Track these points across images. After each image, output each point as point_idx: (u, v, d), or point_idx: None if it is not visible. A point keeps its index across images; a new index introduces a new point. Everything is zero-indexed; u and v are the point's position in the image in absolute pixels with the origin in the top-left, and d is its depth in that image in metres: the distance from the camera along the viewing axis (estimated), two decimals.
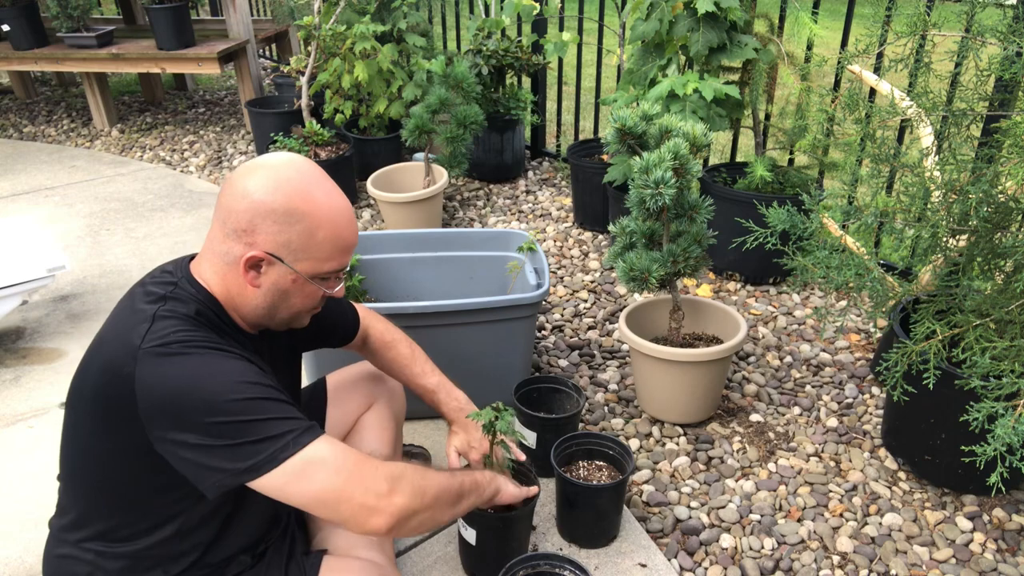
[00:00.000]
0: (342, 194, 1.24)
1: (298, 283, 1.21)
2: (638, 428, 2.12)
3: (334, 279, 1.26)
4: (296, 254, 1.19)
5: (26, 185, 3.91)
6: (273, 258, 1.18)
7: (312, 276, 1.21)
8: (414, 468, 1.22)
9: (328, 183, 1.22)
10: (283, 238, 1.17)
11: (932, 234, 1.68)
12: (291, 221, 1.16)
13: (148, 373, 1.10)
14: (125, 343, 1.13)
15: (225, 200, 1.18)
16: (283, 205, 1.16)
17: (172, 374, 1.10)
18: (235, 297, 1.22)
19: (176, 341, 1.12)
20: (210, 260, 1.22)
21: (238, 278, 1.20)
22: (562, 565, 1.51)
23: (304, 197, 1.17)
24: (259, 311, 1.24)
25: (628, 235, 2.04)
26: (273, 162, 1.19)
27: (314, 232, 1.18)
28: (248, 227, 1.16)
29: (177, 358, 1.11)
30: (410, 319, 1.94)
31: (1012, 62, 1.62)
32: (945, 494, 1.88)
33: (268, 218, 1.16)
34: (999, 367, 1.52)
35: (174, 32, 4.29)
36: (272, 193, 1.16)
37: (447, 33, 4.63)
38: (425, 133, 3.13)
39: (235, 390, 1.10)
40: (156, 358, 1.10)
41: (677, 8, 2.58)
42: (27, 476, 1.99)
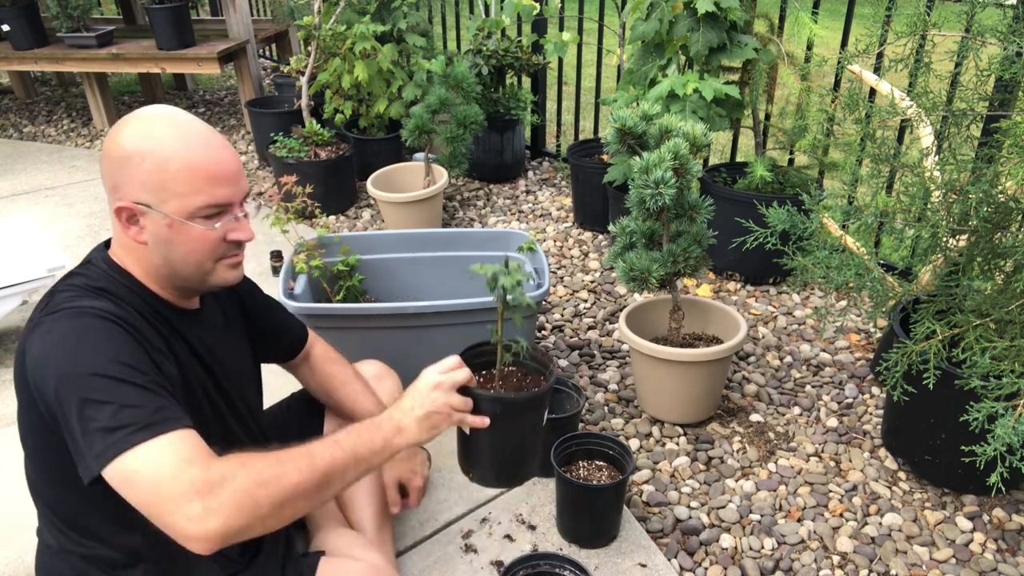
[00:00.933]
0: (202, 124, 1.17)
1: (175, 227, 1.13)
2: (638, 428, 2.12)
3: (224, 215, 1.16)
4: (157, 195, 1.12)
5: (26, 185, 3.91)
6: (140, 206, 1.12)
7: (187, 216, 1.13)
8: (253, 466, 1.02)
9: (183, 117, 1.15)
10: (138, 181, 1.11)
11: (932, 234, 1.68)
12: (139, 161, 1.11)
13: (35, 341, 1.07)
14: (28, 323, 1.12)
15: (101, 166, 1.16)
16: (131, 148, 1.11)
17: (42, 341, 1.06)
18: (140, 263, 1.18)
19: (60, 308, 1.08)
20: (114, 233, 1.19)
21: (127, 239, 1.16)
22: (562, 565, 1.51)
23: (148, 134, 1.12)
24: (161, 270, 1.18)
25: (628, 235, 2.04)
26: (133, 114, 1.16)
27: (165, 166, 1.11)
28: (112, 183, 1.13)
29: (55, 323, 1.07)
30: (410, 319, 1.94)
31: (1012, 62, 1.62)
32: (945, 494, 1.88)
33: (122, 166, 1.12)
34: (999, 367, 1.52)
35: (174, 32, 4.29)
36: (122, 140, 1.12)
37: (447, 33, 4.63)
38: (425, 133, 3.13)
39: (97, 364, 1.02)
40: (42, 325, 1.07)
41: (677, 8, 2.58)
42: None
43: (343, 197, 3.55)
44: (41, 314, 1.10)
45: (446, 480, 1.93)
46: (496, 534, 1.78)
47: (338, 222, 3.45)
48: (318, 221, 2.85)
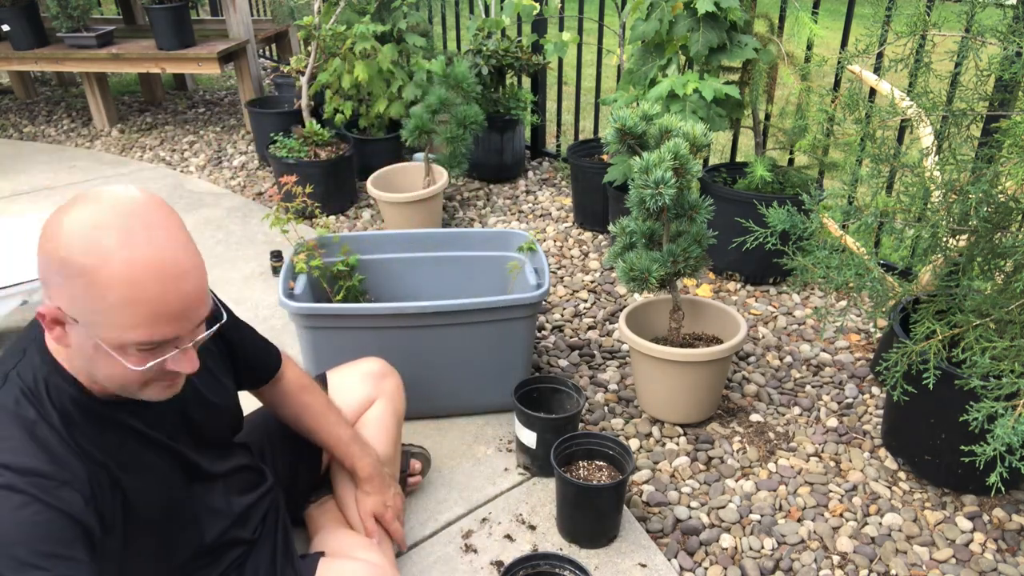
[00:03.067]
0: (165, 241, 0.97)
1: (100, 351, 0.99)
2: (638, 428, 2.12)
3: (167, 348, 1.01)
4: (88, 316, 0.96)
5: (26, 185, 3.91)
6: (66, 315, 0.97)
7: (118, 346, 0.98)
8: None
9: (142, 227, 0.96)
10: (67, 294, 0.95)
11: (932, 234, 1.68)
12: (72, 276, 0.94)
13: None
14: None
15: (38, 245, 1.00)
16: (65, 255, 0.94)
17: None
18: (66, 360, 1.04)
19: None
20: None
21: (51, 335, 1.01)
22: (562, 565, 1.51)
23: (91, 246, 0.93)
24: (85, 377, 1.04)
25: (628, 235, 2.04)
26: (89, 200, 0.97)
27: (102, 293, 0.94)
28: (43, 277, 0.98)
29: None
30: (410, 319, 1.94)
31: (1012, 62, 1.62)
32: (945, 494, 1.88)
33: (54, 269, 0.95)
34: (999, 367, 1.52)
35: (174, 32, 4.29)
36: (62, 238, 0.94)
37: (447, 33, 4.63)
38: (425, 133, 3.13)
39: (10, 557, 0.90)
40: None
41: (677, 8, 2.58)
42: None
43: (343, 197, 3.55)
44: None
45: (446, 480, 1.93)
46: (496, 534, 1.78)
47: (338, 222, 3.45)
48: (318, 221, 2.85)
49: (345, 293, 2.30)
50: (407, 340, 1.98)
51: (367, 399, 1.68)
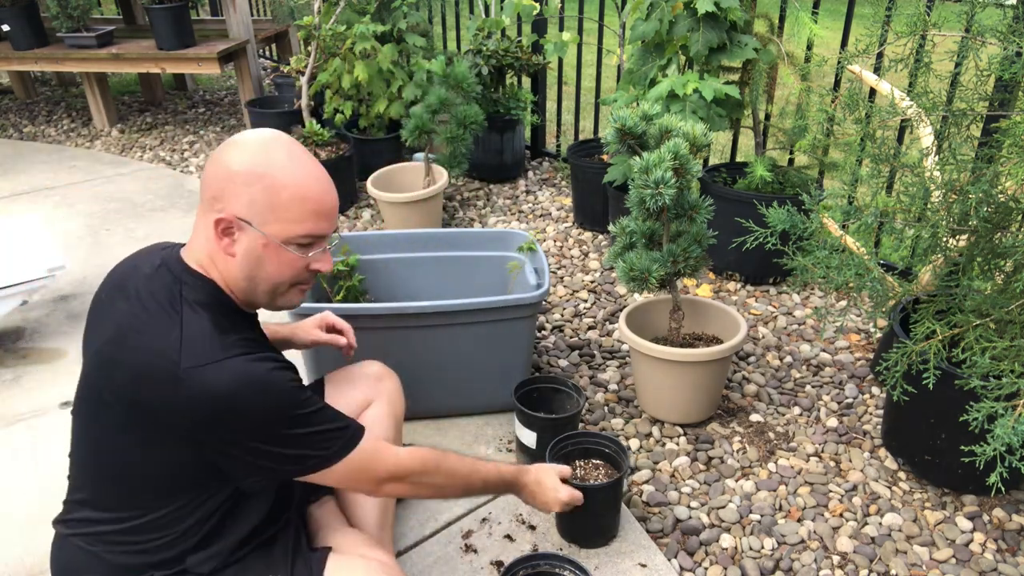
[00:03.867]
0: (315, 161, 1.24)
1: (270, 248, 1.20)
2: (638, 428, 2.12)
3: (316, 246, 1.25)
4: (262, 215, 1.18)
5: (26, 185, 3.91)
6: (241, 221, 1.18)
7: (284, 240, 1.20)
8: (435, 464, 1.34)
9: (298, 149, 1.22)
10: (246, 199, 1.17)
11: (932, 234, 1.69)
12: (252, 180, 1.16)
13: (198, 391, 1.12)
14: (160, 357, 1.14)
15: (204, 173, 1.21)
16: (247, 166, 1.17)
17: (226, 392, 1.12)
18: (223, 273, 1.23)
19: (221, 358, 1.14)
20: (198, 239, 1.23)
21: (217, 249, 1.21)
22: (562, 565, 1.51)
23: (268, 158, 1.18)
24: (240, 284, 1.23)
25: (628, 235, 2.04)
26: (249, 134, 1.21)
27: (278, 191, 1.17)
28: (217, 193, 1.18)
29: (228, 373, 1.13)
30: (410, 319, 1.94)
31: (1012, 62, 1.62)
32: (945, 494, 1.88)
33: (233, 180, 1.17)
34: (999, 367, 1.52)
35: (174, 32, 4.29)
36: (237, 157, 1.17)
37: (447, 33, 4.63)
38: (425, 133, 3.13)
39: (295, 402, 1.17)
40: (204, 376, 1.12)
41: (677, 8, 2.58)
42: (27, 476, 1.99)
43: (343, 197, 3.55)
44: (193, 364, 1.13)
45: None
46: (496, 534, 1.78)
47: (338, 222, 3.45)
48: None
49: (345, 293, 2.30)
50: (407, 340, 1.98)
51: (365, 401, 1.68)
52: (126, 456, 1.21)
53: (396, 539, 1.72)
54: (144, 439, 1.18)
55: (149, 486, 1.22)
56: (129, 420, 1.18)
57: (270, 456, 1.18)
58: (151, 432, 1.17)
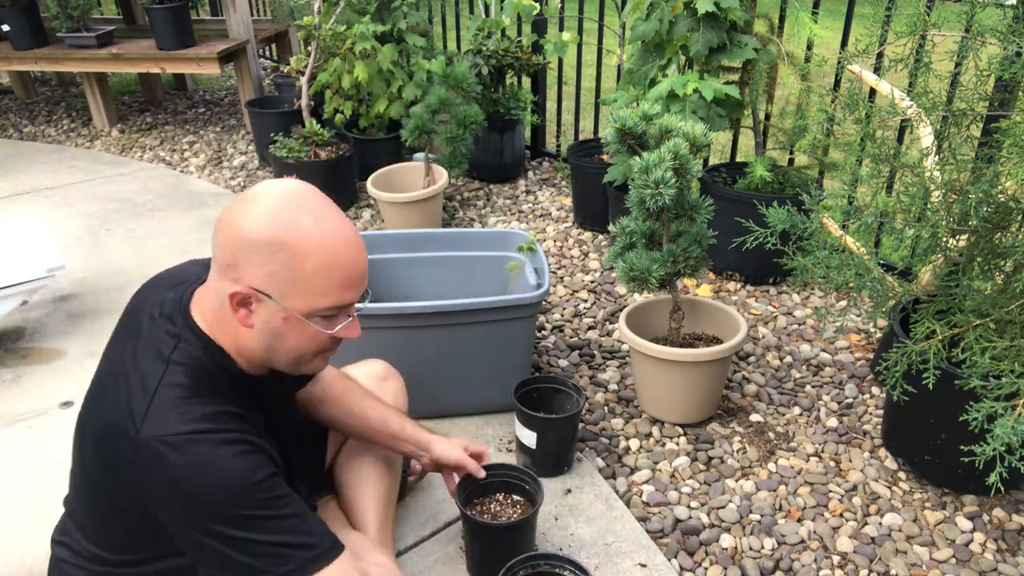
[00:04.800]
0: (344, 220, 1.12)
1: (291, 322, 1.10)
2: (638, 428, 2.12)
3: (342, 317, 1.14)
4: (283, 288, 1.07)
5: (26, 185, 3.91)
6: (260, 294, 1.08)
7: (307, 314, 1.09)
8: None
9: (325, 209, 1.10)
10: (266, 271, 1.06)
11: (932, 234, 1.69)
12: (273, 251, 1.05)
13: (147, 463, 1.04)
14: (124, 417, 1.07)
15: (216, 234, 1.10)
16: (265, 234, 1.05)
17: (173, 473, 1.03)
18: (233, 339, 1.14)
19: (179, 432, 1.04)
20: (208, 299, 1.14)
21: (230, 318, 1.11)
22: (562, 565, 1.51)
23: (289, 224, 1.05)
24: (257, 353, 1.15)
25: (628, 235, 2.04)
26: (264, 190, 1.09)
27: (301, 262, 1.06)
28: (232, 261, 1.07)
29: (180, 453, 1.03)
30: (410, 319, 1.94)
31: (1012, 62, 1.62)
32: (945, 494, 1.88)
33: (251, 250, 1.05)
34: (999, 367, 1.52)
35: (174, 32, 4.29)
36: (255, 222, 1.05)
37: (447, 33, 4.63)
38: (425, 133, 3.13)
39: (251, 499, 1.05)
40: (154, 449, 1.03)
41: (677, 8, 2.58)
42: (27, 476, 1.99)
43: (343, 197, 3.55)
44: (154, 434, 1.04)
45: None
46: None
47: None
48: None
49: None
50: (407, 340, 1.98)
51: None
52: (95, 498, 1.18)
53: (396, 539, 1.72)
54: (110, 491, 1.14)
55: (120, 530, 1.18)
56: (97, 471, 1.14)
57: (211, 553, 1.06)
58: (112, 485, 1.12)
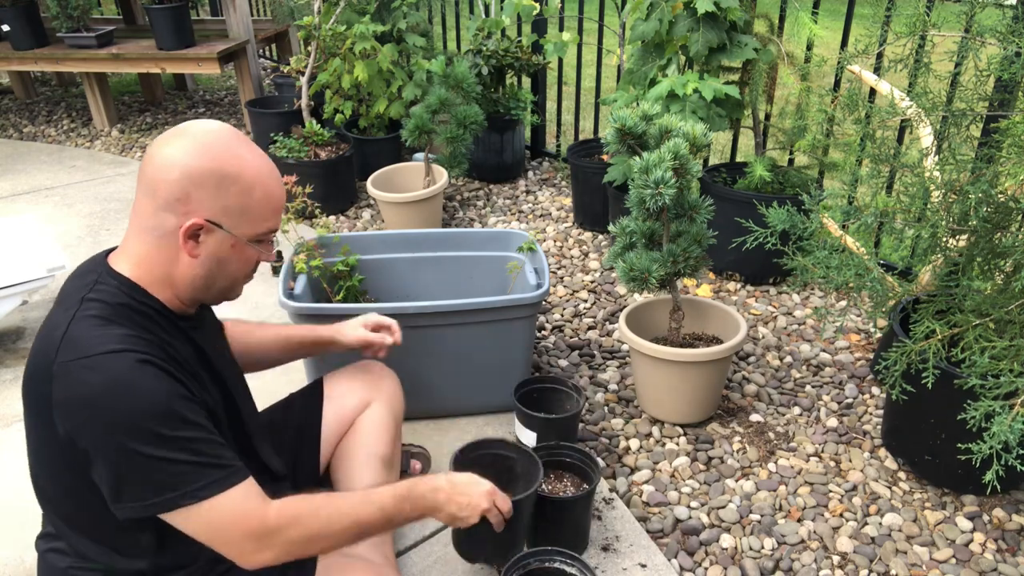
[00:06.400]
0: (264, 153, 1.23)
1: (237, 248, 1.19)
2: (638, 428, 2.12)
3: (268, 241, 1.24)
4: (235, 218, 1.16)
5: (26, 185, 3.91)
6: (212, 225, 1.15)
7: (251, 239, 1.20)
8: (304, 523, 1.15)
9: (250, 143, 1.20)
10: (220, 203, 1.14)
11: (932, 234, 1.69)
12: (226, 184, 1.13)
13: (64, 388, 1.06)
14: (43, 356, 1.09)
15: (151, 172, 1.13)
16: (217, 168, 1.13)
17: (88, 392, 1.05)
18: (169, 274, 1.17)
19: (94, 352, 1.06)
20: (137, 240, 1.17)
21: (172, 251, 1.15)
22: (563, 561, 1.51)
23: (235, 158, 1.15)
24: (196, 283, 1.19)
25: (628, 235, 2.04)
26: (194, 129, 1.17)
27: (250, 193, 1.16)
28: (182, 195, 1.12)
29: (95, 372, 1.05)
30: (410, 319, 1.94)
31: (1011, 62, 1.62)
32: (945, 494, 1.88)
33: (203, 184, 1.12)
34: (998, 366, 1.52)
35: (174, 32, 4.29)
36: (202, 158, 1.12)
37: (447, 33, 4.63)
38: (425, 133, 3.13)
39: (167, 418, 1.07)
40: (71, 373, 1.06)
41: (677, 8, 2.58)
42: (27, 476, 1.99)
43: (343, 197, 3.55)
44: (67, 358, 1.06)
45: None
46: None
47: (338, 222, 3.45)
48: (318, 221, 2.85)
49: (345, 293, 2.30)
50: (407, 340, 1.98)
51: (364, 401, 1.68)
52: (41, 474, 1.19)
53: (396, 539, 1.72)
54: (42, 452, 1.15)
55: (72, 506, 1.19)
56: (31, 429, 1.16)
57: (119, 476, 1.07)
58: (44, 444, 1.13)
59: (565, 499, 1.68)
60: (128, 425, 1.05)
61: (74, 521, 1.22)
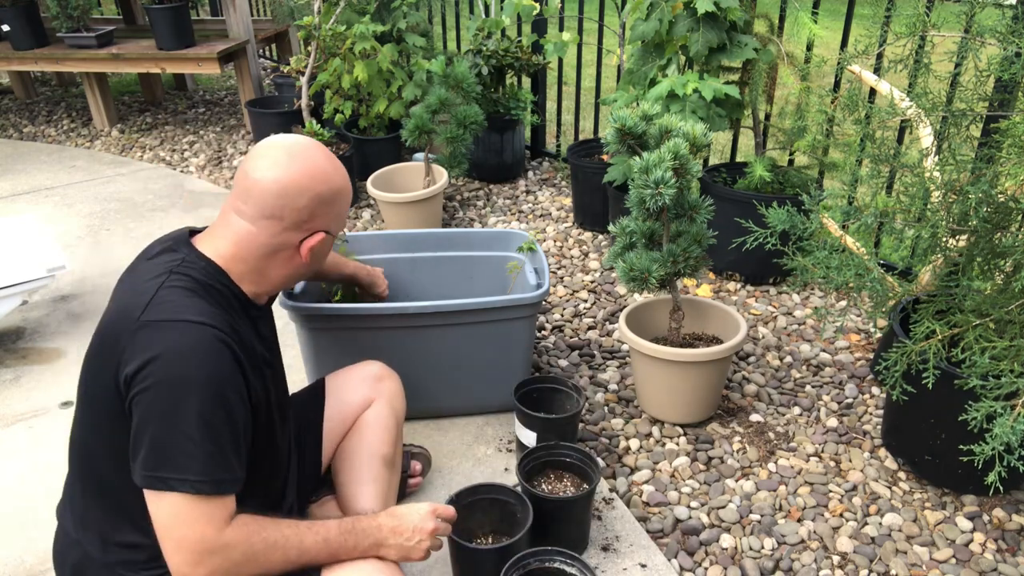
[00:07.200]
0: None
1: (328, 243, 1.36)
2: (638, 428, 2.12)
3: None
4: (340, 222, 1.36)
5: (26, 185, 3.91)
6: (327, 234, 1.33)
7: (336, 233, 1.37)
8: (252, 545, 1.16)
9: (327, 150, 1.33)
10: (332, 215, 1.32)
11: (932, 234, 1.69)
12: (336, 199, 1.31)
13: (145, 339, 1.13)
14: (124, 315, 1.16)
15: (274, 196, 1.24)
16: (334, 188, 1.30)
17: (163, 349, 1.11)
18: (263, 271, 1.29)
19: (182, 318, 1.14)
20: (239, 242, 1.26)
21: (286, 256, 1.30)
22: (563, 560, 1.52)
23: (337, 174, 1.31)
24: (292, 279, 1.35)
25: (628, 235, 2.04)
26: (299, 151, 1.28)
27: (345, 200, 1.35)
28: (309, 216, 1.28)
29: (179, 334, 1.13)
30: (410, 319, 1.94)
31: (1011, 62, 1.62)
32: (945, 494, 1.88)
33: (325, 202, 1.29)
34: (998, 367, 1.52)
35: (174, 32, 4.29)
36: (322, 182, 1.28)
37: (447, 33, 4.63)
38: (425, 133, 3.13)
39: (208, 399, 1.12)
40: (158, 329, 1.13)
41: (677, 8, 2.58)
42: (27, 476, 1.99)
43: None
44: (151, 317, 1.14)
45: (446, 480, 1.94)
46: None
47: None
48: None
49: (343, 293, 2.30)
50: (407, 340, 1.98)
51: (365, 401, 1.68)
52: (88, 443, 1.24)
53: None
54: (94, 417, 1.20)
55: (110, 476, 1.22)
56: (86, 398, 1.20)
57: (146, 436, 1.11)
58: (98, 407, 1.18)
59: (565, 499, 1.68)
60: (179, 392, 1.11)
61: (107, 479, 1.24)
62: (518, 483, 1.68)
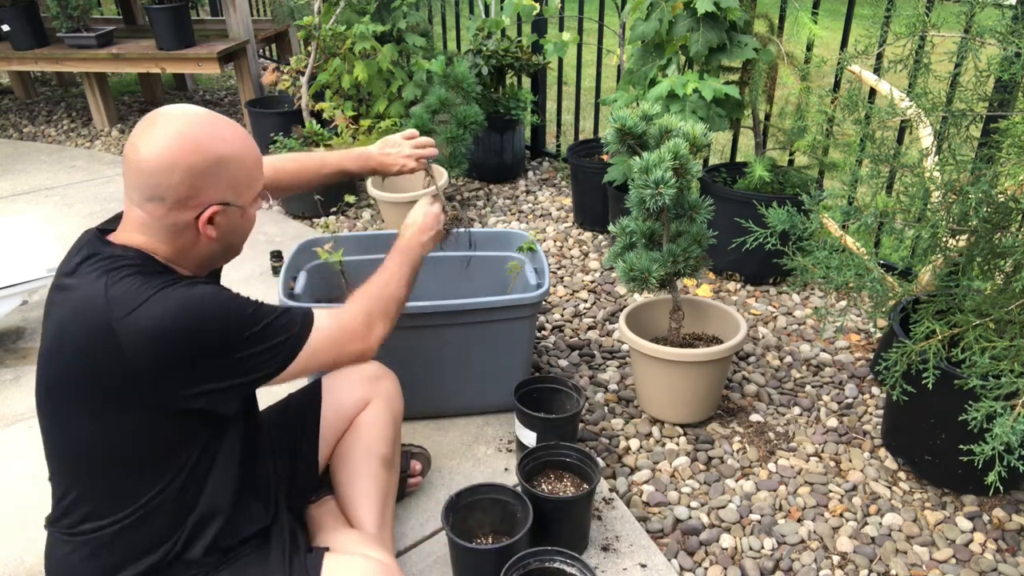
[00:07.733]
0: (231, 119, 1.28)
1: (245, 215, 1.29)
2: (638, 428, 2.12)
3: (263, 193, 1.34)
4: (238, 191, 1.25)
5: (26, 185, 3.91)
6: (225, 206, 1.24)
7: (252, 202, 1.30)
8: (371, 295, 1.45)
9: (219, 117, 1.25)
10: (224, 184, 1.22)
11: (932, 234, 1.69)
12: (223, 166, 1.21)
13: (134, 337, 1.12)
14: (92, 321, 1.14)
15: (147, 178, 1.17)
16: (211, 157, 1.19)
17: (157, 325, 1.13)
18: (185, 252, 1.25)
19: (147, 297, 1.14)
20: (145, 230, 1.22)
21: (190, 236, 1.24)
22: (563, 560, 1.52)
23: (221, 141, 1.21)
24: (214, 255, 1.30)
25: (628, 235, 2.04)
26: (170, 122, 1.19)
27: (241, 165, 1.24)
28: (191, 192, 1.19)
29: (158, 306, 1.14)
30: (410, 319, 1.94)
31: (1011, 63, 1.62)
32: (945, 494, 1.88)
33: (205, 175, 1.19)
34: (998, 367, 1.52)
35: (174, 32, 4.29)
36: (194, 152, 1.18)
37: (447, 33, 4.63)
38: (425, 133, 3.13)
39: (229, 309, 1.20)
40: (135, 323, 1.13)
41: (677, 8, 2.58)
42: (27, 476, 1.99)
43: (342, 196, 3.54)
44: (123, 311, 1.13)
45: (446, 480, 1.94)
46: None
47: (338, 222, 3.45)
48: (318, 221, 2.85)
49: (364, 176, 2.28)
50: (407, 340, 1.98)
51: (363, 400, 1.68)
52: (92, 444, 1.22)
53: (396, 539, 1.72)
54: (110, 412, 1.18)
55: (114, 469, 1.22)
56: (93, 401, 1.19)
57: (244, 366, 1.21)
58: (104, 404, 1.18)
59: (565, 499, 1.68)
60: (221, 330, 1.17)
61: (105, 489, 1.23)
62: (518, 483, 1.68)
